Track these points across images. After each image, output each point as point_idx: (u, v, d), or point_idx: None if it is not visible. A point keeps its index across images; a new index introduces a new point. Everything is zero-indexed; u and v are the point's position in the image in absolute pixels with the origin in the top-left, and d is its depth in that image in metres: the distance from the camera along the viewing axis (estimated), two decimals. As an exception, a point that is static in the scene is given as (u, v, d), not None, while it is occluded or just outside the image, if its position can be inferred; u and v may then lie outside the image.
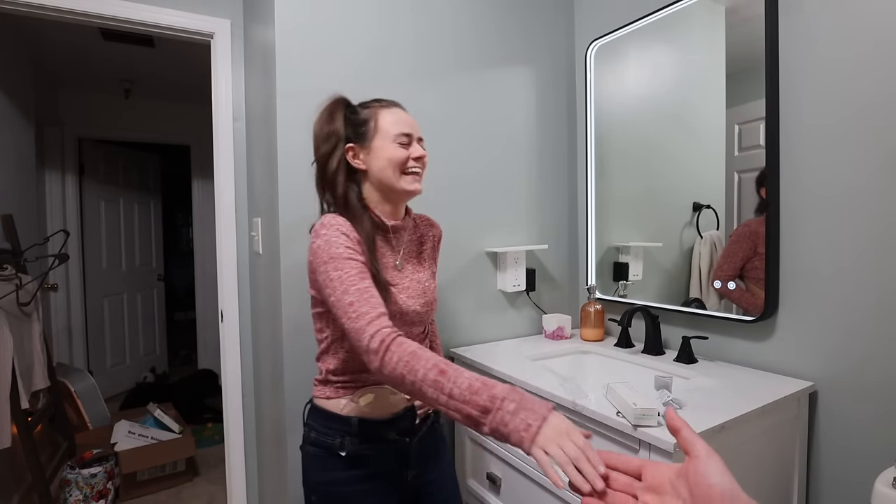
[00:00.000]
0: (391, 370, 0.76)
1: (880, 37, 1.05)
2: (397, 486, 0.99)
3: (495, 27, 1.68)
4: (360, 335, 0.79)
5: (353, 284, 0.84)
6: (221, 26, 1.81)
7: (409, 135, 0.99)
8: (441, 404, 0.71)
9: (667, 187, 1.53)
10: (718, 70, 1.36)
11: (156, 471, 2.42)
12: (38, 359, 2.09)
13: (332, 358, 0.97)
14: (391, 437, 0.96)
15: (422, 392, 0.73)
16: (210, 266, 3.88)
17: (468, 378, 0.71)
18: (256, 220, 1.71)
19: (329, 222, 0.91)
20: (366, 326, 0.79)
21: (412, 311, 0.99)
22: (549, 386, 1.18)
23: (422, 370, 0.73)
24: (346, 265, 0.86)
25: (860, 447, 1.11)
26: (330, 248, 0.87)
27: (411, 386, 0.74)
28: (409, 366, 0.74)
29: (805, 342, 1.20)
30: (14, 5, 1.56)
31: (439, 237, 1.17)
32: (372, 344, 0.77)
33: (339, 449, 0.94)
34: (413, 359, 0.75)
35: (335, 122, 0.99)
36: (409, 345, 0.77)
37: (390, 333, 0.78)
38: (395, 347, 0.76)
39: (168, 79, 3.29)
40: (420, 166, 1.00)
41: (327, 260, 0.87)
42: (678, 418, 0.55)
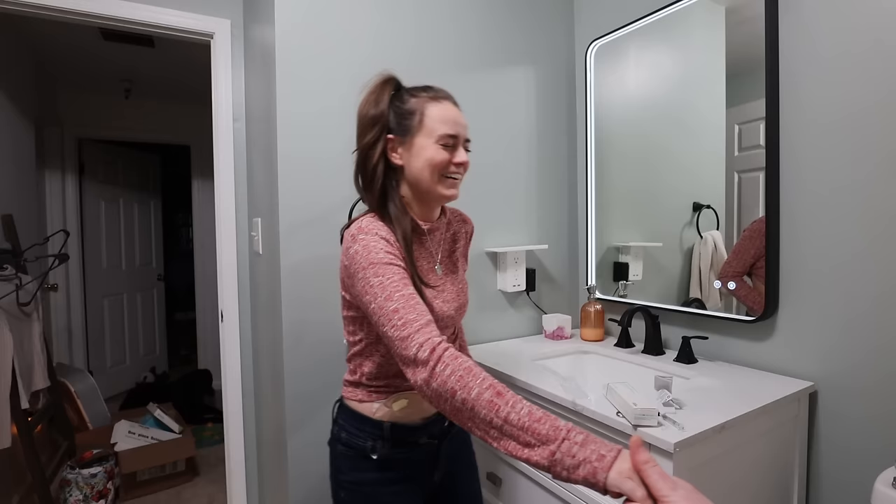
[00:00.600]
0: (441, 384, 0.68)
1: (880, 36, 1.05)
2: (425, 487, 0.99)
3: (495, 27, 1.68)
4: (406, 344, 0.73)
5: (396, 290, 0.79)
6: (221, 26, 1.81)
7: (456, 136, 0.90)
8: (493, 427, 0.64)
9: (667, 187, 1.53)
10: (718, 70, 1.36)
11: (156, 471, 2.42)
12: (38, 359, 2.09)
13: (368, 361, 0.94)
14: (422, 442, 0.96)
15: (472, 411, 0.66)
16: (210, 266, 3.88)
17: (527, 405, 0.65)
18: (256, 220, 1.71)
19: (367, 227, 0.87)
20: (414, 335, 0.73)
21: (447, 315, 0.96)
22: (549, 386, 1.18)
23: (476, 388, 0.66)
24: (388, 271, 0.81)
25: (860, 447, 1.11)
26: (369, 253, 0.83)
27: (461, 404, 0.67)
28: (462, 381, 0.67)
29: (805, 342, 1.20)
30: (14, 5, 1.56)
31: (471, 233, 1.11)
32: (421, 354, 0.71)
33: (371, 452, 0.92)
34: (468, 375, 0.68)
35: (380, 104, 0.90)
36: (464, 359, 0.70)
37: (441, 343, 0.72)
38: (450, 360, 0.70)
39: (168, 79, 3.29)
40: (461, 172, 0.93)
41: (366, 266, 0.82)
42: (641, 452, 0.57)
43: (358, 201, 1.41)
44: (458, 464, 1.06)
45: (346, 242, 0.87)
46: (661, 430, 0.91)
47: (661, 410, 0.97)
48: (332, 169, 1.41)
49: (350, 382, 0.98)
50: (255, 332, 1.85)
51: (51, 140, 3.26)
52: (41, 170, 3.15)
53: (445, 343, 0.73)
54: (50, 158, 3.26)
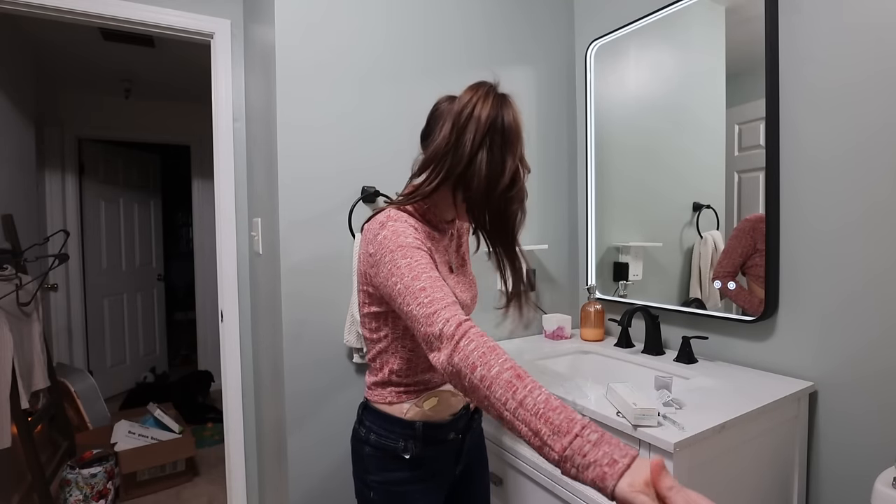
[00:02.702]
0: (463, 357, 0.68)
1: (880, 36, 1.05)
2: (448, 481, 1.01)
3: (495, 27, 1.68)
4: (431, 320, 0.72)
5: (424, 272, 0.78)
6: (221, 26, 1.81)
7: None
8: (508, 409, 0.64)
9: (667, 187, 1.53)
10: (718, 70, 1.36)
11: (156, 471, 2.42)
12: (38, 359, 2.09)
13: (394, 358, 0.93)
14: (451, 438, 0.97)
15: (490, 389, 0.65)
16: (210, 266, 3.88)
17: (545, 392, 0.64)
18: (256, 220, 1.71)
19: (396, 215, 0.87)
20: (440, 311, 0.72)
21: (465, 305, 0.98)
22: (550, 386, 1.18)
23: (497, 367, 0.66)
24: (416, 254, 0.81)
25: (860, 447, 1.11)
26: (398, 237, 0.82)
27: (479, 381, 0.66)
28: (484, 358, 0.67)
29: (805, 342, 1.20)
30: (14, 5, 1.56)
31: (467, 231, 1.13)
32: (447, 329, 0.70)
33: (403, 452, 0.92)
34: (491, 353, 0.67)
35: (497, 108, 0.86)
36: (488, 338, 0.70)
37: (467, 320, 0.72)
38: (475, 336, 0.69)
39: (168, 79, 3.29)
40: None
41: (395, 248, 0.81)
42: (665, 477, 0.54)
43: (358, 200, 1.42)
44: (474, 456, 1.07)
45: (373, 231, 0.86)
46: (661, 430, 0.91)
47: (661, 410, 0.97)
48: (332, 169, 1.41)
49: (376, 384, 0.96)
50: (255, 332, 1.85)
51: (51, 140, 3.27)
52: (41, 170, 3.15)
53: (471, 321, 0.73)
54: (50, 158, 3.26)
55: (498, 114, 0.85)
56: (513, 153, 0.86)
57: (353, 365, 1.46)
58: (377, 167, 1.47)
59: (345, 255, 1.42)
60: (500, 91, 0.88)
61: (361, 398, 1.48)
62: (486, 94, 0.86)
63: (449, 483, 1.01)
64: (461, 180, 0.86)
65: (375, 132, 1.47)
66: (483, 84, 0.88)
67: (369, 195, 1.43)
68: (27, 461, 1.95)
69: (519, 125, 0.87)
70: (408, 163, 1.51)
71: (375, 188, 1.45)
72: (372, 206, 1.47)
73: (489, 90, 0.87)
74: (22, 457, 1.95)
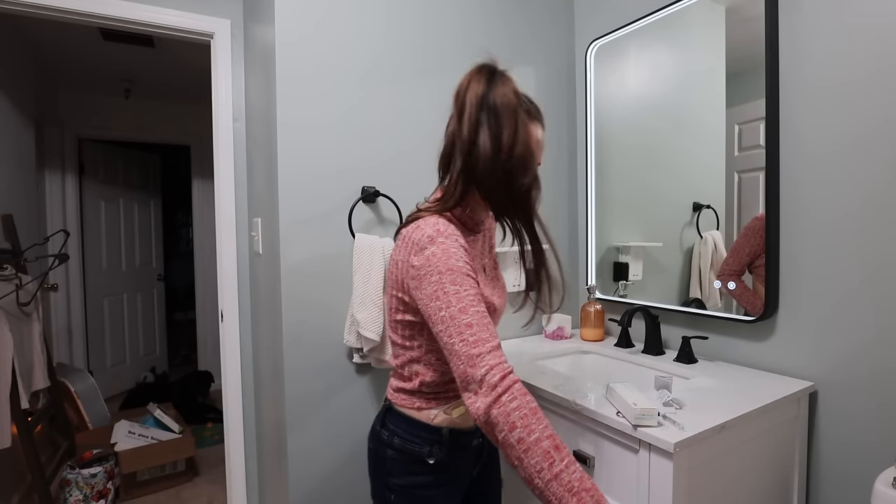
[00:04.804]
0: (503, 413, 0.68)
1: (880, 35, 1.05)
2: (466, 483, 1.01)
3: (495, 27, 1.68)
4: (475, 362, 0.72)
5: (472, 305, 0.76)
6: (221, 26, 1.81)
7: (538, 163, 0.88)
8: (541, 479, 0.66)
9: (667, 187, 1.53)
10: (718, 70, 1.36)
11: (156, 471, 2.42)
12: (38, 359, 2.09)
13: (428, 370, 0.91)
14: (475, 444, 0.98)
15: (526, 454, 0.67)
16: (210, 266, 3.88)
17: (580, 469, 0.68)
18: (256, 220, 1.71)
19: (445, 231, 0.82)
20: (485, 355, 0.72)
21: (501, 310, 0.98)
22: (549, 386, 1.18)
23: (538, 433, 0.67)
24: (466, 282, 0.78)
25: (860, 447, 1.11)
26: (449, 259, 0.79)
27: (517, 442, 0.67)
28: (525, 420, 0.67)
29: (805, 342, 1.20)
30: (14, 5, 1.56)
31: (494, 229, 1.10)
32: (490, 378, 0.70)
33: (428, 457, 0.91)
34: (532, 416, 0.68)
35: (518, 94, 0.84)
36: (530, 397, 0.71)
37: (512, 373, 0.72)
38: (518, 394, 0.69)
39: (168, 79, 3.29)
40: None
41: (444, 271, 0.78)
42: None
43: (357, 202, 1.42)
44: (491, 458, 1.08)
45: (420, 243, 0.81)
46: (661, 430, 0.91)
47: (661, 410, 0.97)
48: (332, 169, 1.41)
49: (404, 390, 0.94)
50: (255, 332, 1.85)
51: (51, 140, 3.27)
52: (41, 170, 3.15)
53: (515, 375, 0.72)
54: (50, 158, 3.26)
55: (487, 91, 0.82)
56: (510, 126, 0.81)
57: (353, 365, 1.46)
58: (377, 167, 1.47)
59: (345, 255, 1.42)
60: (495, 68, 0.85)
61: (361, 398, 1.49)
62: (477, 73, 0.84)
63: (466, 485, 1.01)
64: (472, 167, 0.84)
65: (375, 132, 1.47)
66: (477, 66, 0.86)
67: (369, 195, 1.43)
68: (27, 461, 1.95)
69: (509, 97, 0.82)
70: (408, 162, 1.51)
71: (375, 188, 1.45)
72: (372, 206, 1.47)
73: (480, 69, 0.84)
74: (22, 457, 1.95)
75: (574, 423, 1.11)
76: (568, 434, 1.12)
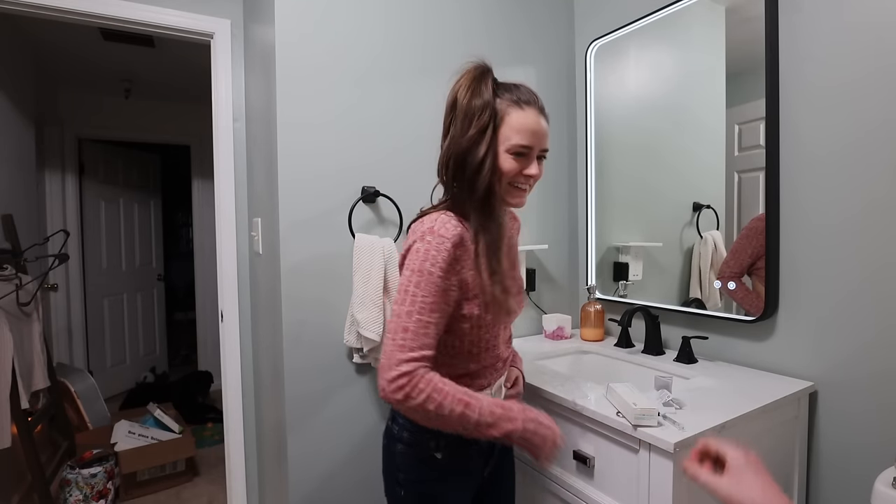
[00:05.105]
0: (405, 411, 0.81)
1: (879, 35, 1.05)
2: (477, 482, 1.01)
3: (496, 27, 1.68)
4: (392, 365, 0.79)
5: (420, 312, 0.81)
6: (221, 26, 1.81)
7: (531, 147, 0.87)
8: (465, 431, 0.82)
9: (667, 187, 1.53)
10: (718, 70, 1.36)
11: (156, 471, 2.42)
12: (38, 359, 2.09)
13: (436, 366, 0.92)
14: (483, 442, 0.96)
15: (444, 426, 0.81)
16: (210, 266, 3.88)
17: (494, 406, 0.82)
18: (256, 220, 1.71)
19: (441, 231, 0.83)
20: (403, 364, 0.79)
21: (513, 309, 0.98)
22: (549, 386, 1.18)
23: (444, 417, 0.80)
24: (430, 288, 0.81)
25: (860, 447, 1.11)
26: (425, 260, 0.82)
27: (429, 421, 0.81)
28: (427, 414, 0.80)
29: (805, 342, 1.20)
30: (14, 5, 1.56)
31: (519, 229, 1.12)
32: (393, 387, 0.79)
33: (435, 451, 0.92)
34: (434, 405, 0.79)
35: (485, 94, 0.85)
36: (436, 392, 0.79)
37: (417, 386, 0.78)
38: (420, 399, 0.78)
39: (168, 79, 3.29)
40: (529, 184, 0.91)
41: (416, 270, 0.82)
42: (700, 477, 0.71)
43: (358, 201, 1.42)
44: (504, 459, 1.08)
45: (415, 235, 0.86)
46: (661, 430, 0.91)
47: (661, 410, 0.97)
48: (332, 169, 1.41)
49: None
50: (255, 333, 1.85)
51: (51, 140, 3.26)
52: (41, 170, 3.15)
53: (422, 385, 0.79)
54: (50, 158, 3.26)
55: (455, 90, 0.88)
56: (467, 124, 0.85)
57: (354, 365, 1.46)
58: (377, 167, 1.47)
59: (345, 255, 1.42)
60: (474, 68, 0.89)
61: (361, 398, 1.49)
62: (459, 76, 0.89)
63: (478, 483, 1.01)
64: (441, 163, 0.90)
65: (375, 132, 1.47)
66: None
67: (369, 195, 1.43)
68: (27, 461, 1.95)
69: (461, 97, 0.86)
70: (407, 163, 1.51)
71: (375, 188, 1.45)
72: (372, 206, 1.47)
73: (461, 72, 0.90)
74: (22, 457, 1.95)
75: (574, 423, 1.11)
76: (568, 434, 1.12)
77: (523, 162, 0.88)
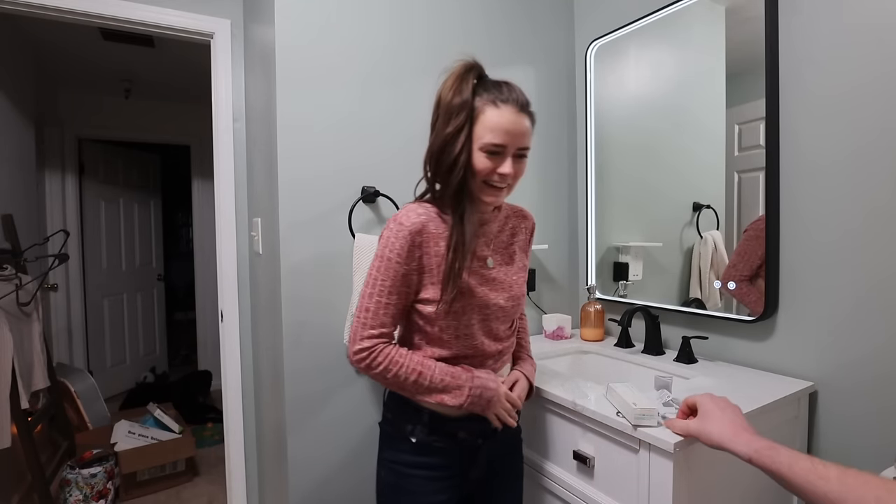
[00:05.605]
0: (371, 377, 0.92)
1: (879, 35, 1.05)
2: (460, 483, 1.00)
3: (495, 27, 1.68)
4: (355, 339, 0.91)
5: (378, 294, 0.90)
6: (221, 26, 1.81)
7: (504, 146, 0.88)
8: (420, 395, 0.92)
9: (667, 187, 1.53)
10: (718, 70, 1.36)
11: (156, 471, 2.42)
12: (38, 359, 2.09)
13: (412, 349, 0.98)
14: (461, 436, 0.98)
15: (401, 390, 0.92)
16: (210, 266, 3.88)
17: (445, 373, 0.91)
18: (256, 220, 1.71)
19: (401, 219, 0.90)
20: (364, 340, 0.90)
21: (494, 304, 0.96)
22: (549, 386, 1.18)
23: (401, 383, 0.91)
24: (387, 272, 0.90)
25: (860, 447, 1.11)
26: (385, 246, 0.91)
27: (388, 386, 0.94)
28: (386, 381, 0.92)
29: (805, 342, 1.20)
30: (14, 5, 1.56)
31: (532, 228, 1.13)
32: (356, 358, 0.91)
33: (410, 435, 0.97)
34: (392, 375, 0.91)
35: (464, 93, 0.88)
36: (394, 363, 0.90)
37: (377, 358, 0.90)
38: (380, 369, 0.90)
39: (168, 79, 3.29)
40: (504, 183, 0.91)
41: (378, 255, 0.92)
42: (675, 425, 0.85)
43: (358, 201, 1.42)
44: (501, 467, 1.06)
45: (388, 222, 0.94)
46: (661, 430, 0.91)
47: (661, 410, 0.97)
48: (332, 169, 1.41)
49: None
50: (255, 333, 1.85)
51: (51, 140, 3.27)
52: (41, 170, 3.15)
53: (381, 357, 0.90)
54: (50, 158, 3.26)
55: (440, 89, 0.92)
56: (446, 123, 0.88)
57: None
58: (377, 167, 1.47)
59: (345, 255, 1.42)
60: (460, 66, 0.93)
61: (361, 398, 1.49)
62: (446, 75, 0.93)
63: (465, 487, 1.01)
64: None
65: (376, 132, 1.47)
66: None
67: (369, 195, 1.43)
68: (27, 461, 1.95)
69: (444, 95, 0.90)
70: (408, 163, 1.51)
71: (375, 188, 1.45)
72: (372, 207, 1.47)
73: (449, 71, 0.93)
74: (22, 457, 1.95)
75: (574, 423, 1.11)
76: (568, 434, 1.13)
77: (497, 160, 0.89)
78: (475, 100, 0.89)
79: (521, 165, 0.92)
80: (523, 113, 0.90)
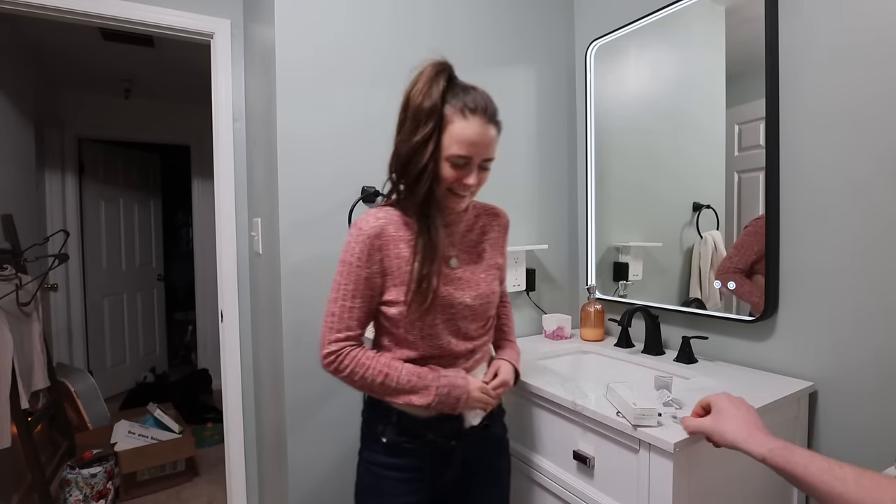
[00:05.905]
0: (341, 378, 0.94)
1: (879, 36, 1.05)
2: (432, 485, 0.99)
3: (496, 28, 1.68)
4: (324, 343, 0.94)
5: (342, 298, 0.93)
6: (221, 26, 1.81)
7: (470, 158, 0.87)
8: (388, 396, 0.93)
9: (667, 187, 1.53)
10: (718, 70, 1.36)
11: (156, 471, 2.42)
12: (38, 359, 2.10)
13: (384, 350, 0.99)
14: (431, 437, 0.97)
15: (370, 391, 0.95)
16: (210, 266, 3.88)
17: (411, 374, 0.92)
18: (256, 220, 1.71)
19: (360, 224, 0.93)
20: (332, 344, 0.93)
21: (460, 303, 0.95)
22: (549, 386, 1.18)
23: (368, 385, 0.93)
24: (349, 277, 0.92)
25: (860, 447, 1.11)
26: (346, 252, 0.93)
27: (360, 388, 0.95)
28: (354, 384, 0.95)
29: (805, 342, 1.20)
30: (14, 5, 1.57)
31: (505, 225, 1.11)
32: (325, 362, 0.95)
33: (382, 435, 0.98)
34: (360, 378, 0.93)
35: (433, 96, 0.86)
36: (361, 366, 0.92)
37: (344, 360, 0.93)
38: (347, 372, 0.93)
39: (168, 79, 3.29)
40: (468, 192, 0.92)
41: (341, 260, 0.94)
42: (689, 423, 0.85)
43: (358, 201, 1.42)
44: (479, 467, 1.04)
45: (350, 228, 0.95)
46: (661, 430, 0.91)
47: (661, 410, 0.97)
48: (332, 169, 1.41)
49: None
50: (255, 333, 1.85)
51: (51, 140, 3.27)
52: (41, 170, 3.15)
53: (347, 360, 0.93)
54: (50, 158, 3.26)
55: (408, 89, 0.91)
56: (414, 130, 0.87)
57: (353, 365, 1.45)
58: (377, 167, 1.45)
59: (345, 255, 1.42)
60: (430, 67, 0.90)
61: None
62: (416, 75, 0.91)
63: (435, 488, 1.00)
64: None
65: (376, 132, 1.46)
66: None
67: (369, 195, 1.43)
68: (27, 461, 1.95)
69: (413, 98, 0.88)
70: (408, 163, 1.51)
71: (375, 188, 1.45)
72: (372, 207, 1.46)
73: (418, 71, 0.92)
74: (22, 457, 1.95)
75: (574, 423, 1.11)
76: (568, 434, 1.13)
77: (462, 171, 0.89)
78: (444, 106, 0.87)
79: (484, 175, 0.93)
80: (490, 123, 0.89)
